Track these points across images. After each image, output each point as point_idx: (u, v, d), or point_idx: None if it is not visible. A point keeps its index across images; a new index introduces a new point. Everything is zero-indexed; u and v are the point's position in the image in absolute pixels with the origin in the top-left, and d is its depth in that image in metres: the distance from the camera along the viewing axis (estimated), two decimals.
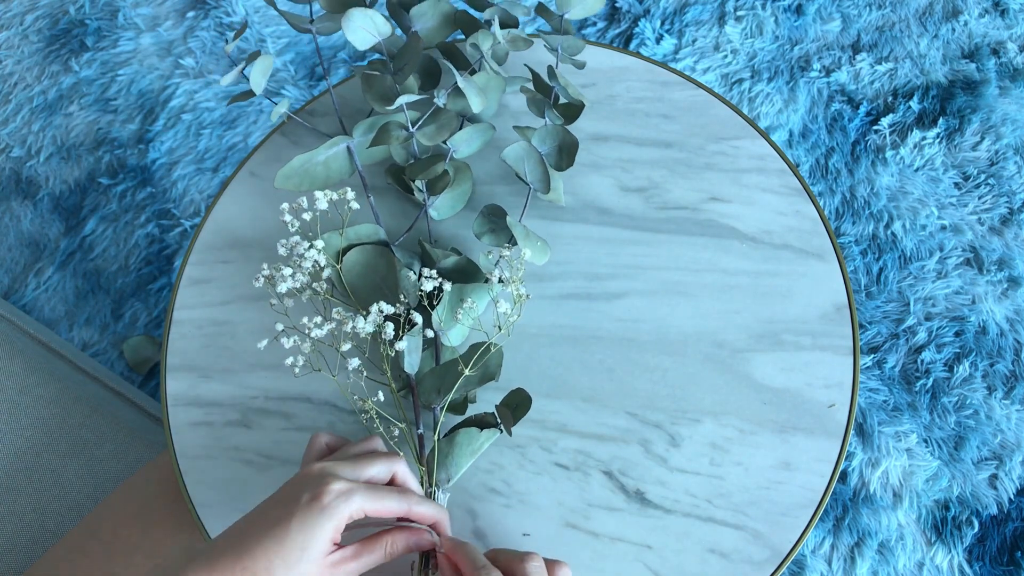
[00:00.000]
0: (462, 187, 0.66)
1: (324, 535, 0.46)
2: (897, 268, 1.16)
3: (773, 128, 1.25)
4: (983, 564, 1.03)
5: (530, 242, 0.60)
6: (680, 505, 0.58)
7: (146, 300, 1.20)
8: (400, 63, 0.62)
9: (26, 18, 1.40)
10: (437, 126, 0.63)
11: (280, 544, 0.45)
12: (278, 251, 0.58)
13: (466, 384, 0.57)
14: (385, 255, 0.62)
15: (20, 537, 0.74)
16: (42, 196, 1.28)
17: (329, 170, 0.64)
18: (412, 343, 0.57)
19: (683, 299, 0.64)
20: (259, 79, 0.62)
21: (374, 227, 0.63)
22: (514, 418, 0.57)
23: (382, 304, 0.55)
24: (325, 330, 0.55)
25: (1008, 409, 1.08)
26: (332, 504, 0.46)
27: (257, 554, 0.45)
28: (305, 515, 0.46)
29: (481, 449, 0.58)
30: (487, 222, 0.63)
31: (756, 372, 0.61)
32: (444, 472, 0.57)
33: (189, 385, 0.63)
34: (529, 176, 0.62)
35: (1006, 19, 1.32)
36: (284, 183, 0.62)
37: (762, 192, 0.67)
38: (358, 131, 0.64)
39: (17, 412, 0.78)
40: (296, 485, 0.48)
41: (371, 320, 0.54)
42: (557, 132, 0.62)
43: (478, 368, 0.57)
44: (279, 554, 0.45)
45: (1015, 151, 1.22)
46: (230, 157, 1.27)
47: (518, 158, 0.62)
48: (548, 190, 0.62)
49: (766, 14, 1.34)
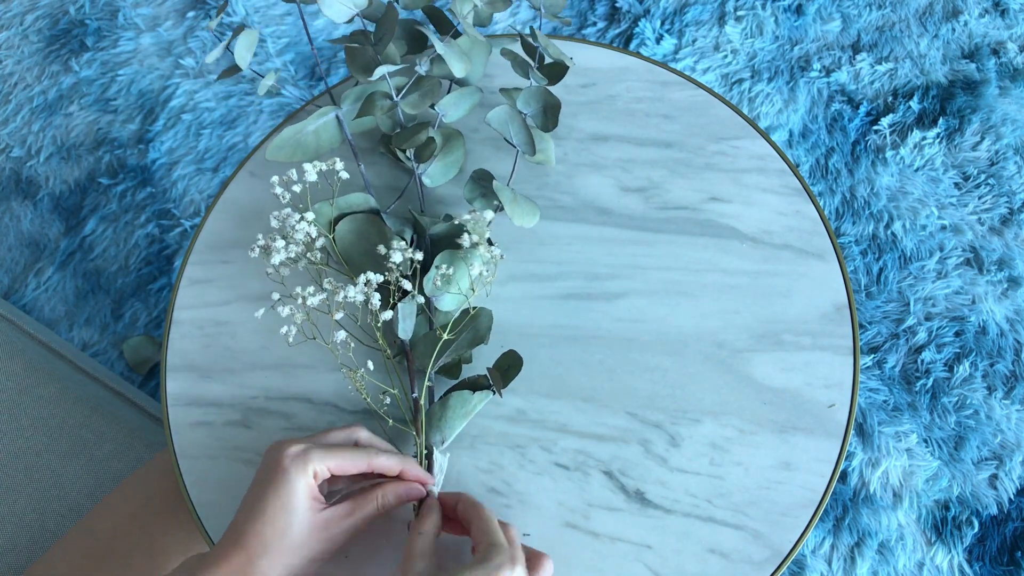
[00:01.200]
0: (454, 153, 0.67)
1: (298, 494, 0.49)
2: (897, 268, 1.16)
3: (773, 128, 1.25)
4: (983, 564, 1.03)
5: (517, 206, 0.61)
6: (680, 505, 0.58)
7: (146, 300, 1.20)
8: (379, 33, 0.62)
9: (26, 18, 1.40)
10: (420, 94, 0.63)
11: (264, 518, 0.48)
12: (271, 223, 0.58)
13: (457, 348, 0.58)
14: (376, 223, 0.63)
15: (20, 537, 0.74)
16: (42, 196, 1.28)
17: (320, 139, 0.64)
18: (406, 309, 0.58)
19: (683, 299, 0.64)
20: (244, 54, 0.62)
21: (364, 196, 0.64)
22: (505, 380, 0.58)
23: (369, 274, 0.55)
24: (318, 300, 0.55)
25: (1008, 409, 1.08)
26: (291, 465, 0.49)
27: (250, 537, 0.48)
28: (274, 485, 0.49)
29: (474, 411, 0.58)
30: (477, 187, 0.64)
31: (756, 372, 0.61)
32: (439, 434, 0.57)
33: (189, 385, 0.63)
34: (515, 139, 0.63)
35: (1006, 19, 1.32)
36: (275, 155, 0.63)
37: (762, 192, 0.67)
38: (346, 101, 0.65)
39: (17, 412, 0.78)
40: (261, 467, 0.52)
41: (359, 290, 0.55)
42: (541, 93, 0.63)
43: (468, 331, 0.58)
44: (268, 526, 0.48)
45: (1015, 151, 1.22)
46: (230, 157, 1.27)
47: (502, 121, 0.62)
48: (534, 152, 0.63)
49: (766, 14, 1.34)
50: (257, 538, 0.48)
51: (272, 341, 0.64)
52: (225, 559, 0.48)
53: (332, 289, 0.56)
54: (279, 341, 0.64)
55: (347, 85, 0.74)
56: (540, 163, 0.67)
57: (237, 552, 0.48)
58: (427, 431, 0.57)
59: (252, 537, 0.48)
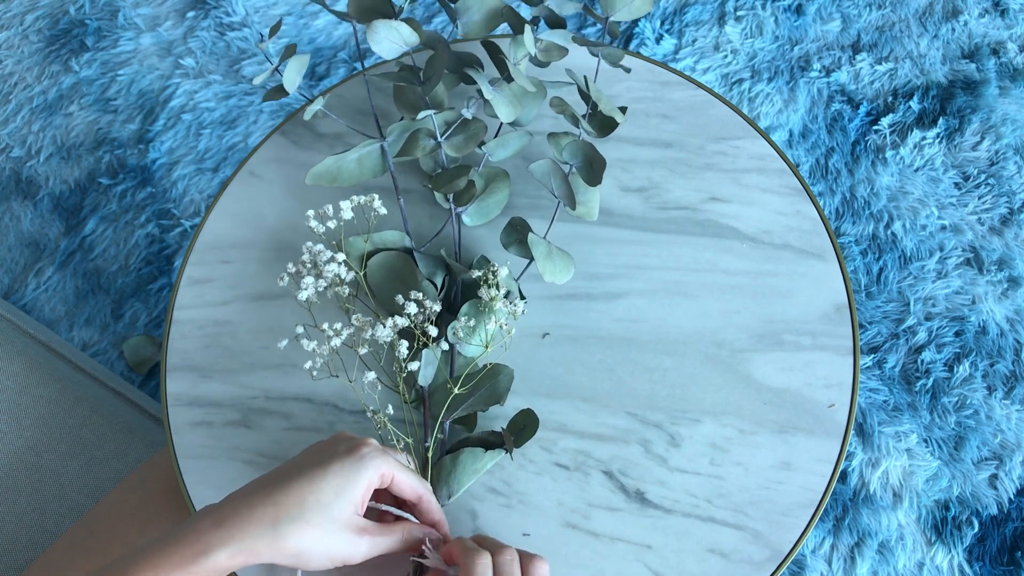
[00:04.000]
0: (497, 195, 0.65)
1: (360, 482, 0.48)
2: (897, 268, 1.16)
3: (773, 128, 1.25)
4: (983, 564, 1.03)
5: (551, 262, 0.60)
6: (680, 505, 0.58)
7: (146, 300, 1.20)
8: (428, 73, 0.61)
9: (26, 18, 1.40)
10: (466, 136, 0.62)
11: (315, 485, 0.47)
12: (302, 256, 0.58)
13: (473, 404, 0.58)
14: (409, 263, 0.62)
15: (20, 537, 0.74)
16: (42, 196, 1.28)
17: (362, 168, 0.64)
18: (427, 356, 0.58)
19: (683, 299, 0.64)
20: (293, 77, 0.62)
21: (400, 234, 0.63)
22: (520, 440, 0.58)
23: (397, 319, 0.55)
24: (344, 336, 0.55)
25: (1008, 409, 1.08)
26: (369, 456, 0.48)
27: (290, 491, 0.46)
28: (343, 462, 0.48)
29: (484, 469, 0.58)
30: (514, 233, 0.62)
31: (756, 372, 0.61)
32: (446, 488, 0.57)
33: (189, 385, 0.63)
34: (556, 191, 0.61)
35: (1006, 19, 1.32)
36: (316, 180, 0.62)
37: (762, 192, 0.67)
38: (392, 133, 0.64)
39: (17, 412, 0.78)
40: (331, 442, 0.50)
41: (386, 332, 0.55)
42: (584, 147, 0.61)
43: (485, 388, 0.58)
44: (313, 492, 0.46)
45: (1015, 151, 1.22)
46: (230, 157, 1.27)
47: (544, 173, 0.61)
48: (574, 207, 0.61)
49: (766, 14, 1.34)
50: (297, 501, 0.46)
51: (272, 341, 0.64)
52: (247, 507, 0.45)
53: (360, 326, 0.56)
54: (279, 341, 0.64)
55: (346, 86, 0.74)
56: (580, 216, 0.65)
57: (267, 504, 0.46)
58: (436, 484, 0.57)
59: (293, 497, 0.46)
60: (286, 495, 0.46)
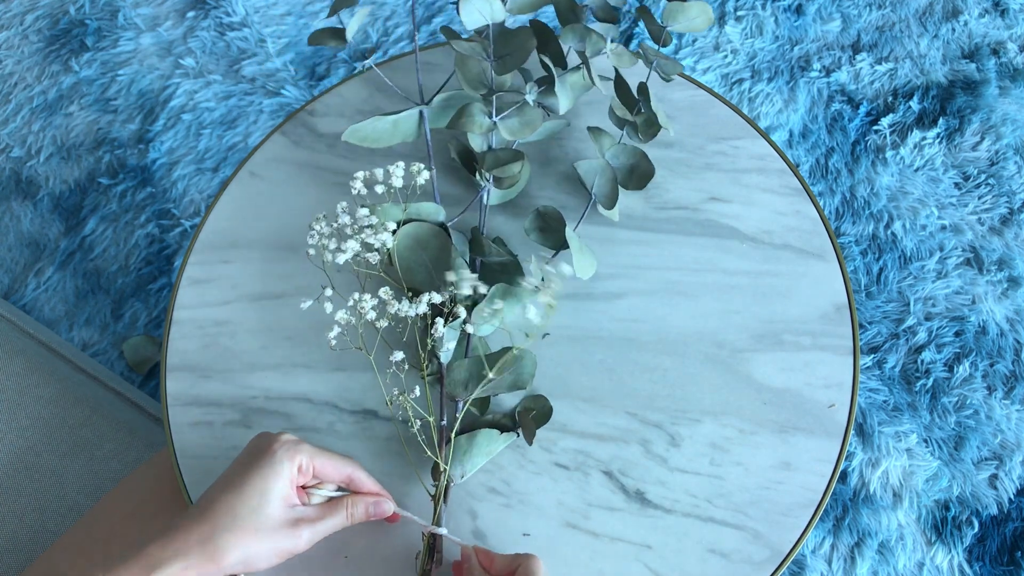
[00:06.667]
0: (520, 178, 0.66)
1: (278, 480, 0.49)
2: (897, 268, 1.16)
3: (773, 128, 1.25)
4: (983, 564, 1.03)
5: (582, 257, 0.60)
6: (680, 505, 0.58)
7: (146, 300, 1.20)
8: (504, 50, 0.59)
9: (26, 18, 1.40)
10: (522, 121, 0.62)
11: (240, 493, 0.49)
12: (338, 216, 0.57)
13: (495, 387, 0.58)
14: (440, 236, 0.61)
15: (20, 536, 0.74)
16: (42, 196, 1.27)
17: (396, 129, 0.64)
18: (451, 333, 0.57)
19: (683, 299, 0.64)
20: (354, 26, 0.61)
21: (436, 207, 0.62)
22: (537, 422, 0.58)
23: (434, 295, 0.55)
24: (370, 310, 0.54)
25: (1008, 409, 1.08)
26: (281, 451, 0.50)
27: (220, 508, 0.48)
28: (259, 464, 0.50)
29: (496, 451, 0.58)
30: (539, 220, 0.62)
31: (756, 372, 0.61)
32: (460, 467, 0.57)
33: (189, 385, 0.63)
34: (596, 190, 0.61)
35: (1006, 19, 1.32)
36: (351, 136, 0.63)
37: (762, 192, 0.67)
38: (436, 101, 0.64)
39: (17, 412, 0.78)
40: (248, 447, 0.53)
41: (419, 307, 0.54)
42: (634, 154, 0.61)
43: (509, 373, 0.58)
44: (240, 501, 0.48)
45: (1015, 151, 1.22)
46: (230, 157, 1.27)
47: (590, 171, 0.61)
48: (612, 207, 0.61)
49: (766, 14, 1.34)
50: (227, 511, 0.48)
51: (272, 341, 0.64)
52: (185, 529, 0.48)
53: (386, 300, 0.55)
54: (279, 341, 0.64)
55: (347, 85, 0.74)
56: (608, 216, 0.65)
57: (201, 523, 0.48)
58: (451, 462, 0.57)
59: (222, 509, 0.48)
60: (214, 511, 0.48)
